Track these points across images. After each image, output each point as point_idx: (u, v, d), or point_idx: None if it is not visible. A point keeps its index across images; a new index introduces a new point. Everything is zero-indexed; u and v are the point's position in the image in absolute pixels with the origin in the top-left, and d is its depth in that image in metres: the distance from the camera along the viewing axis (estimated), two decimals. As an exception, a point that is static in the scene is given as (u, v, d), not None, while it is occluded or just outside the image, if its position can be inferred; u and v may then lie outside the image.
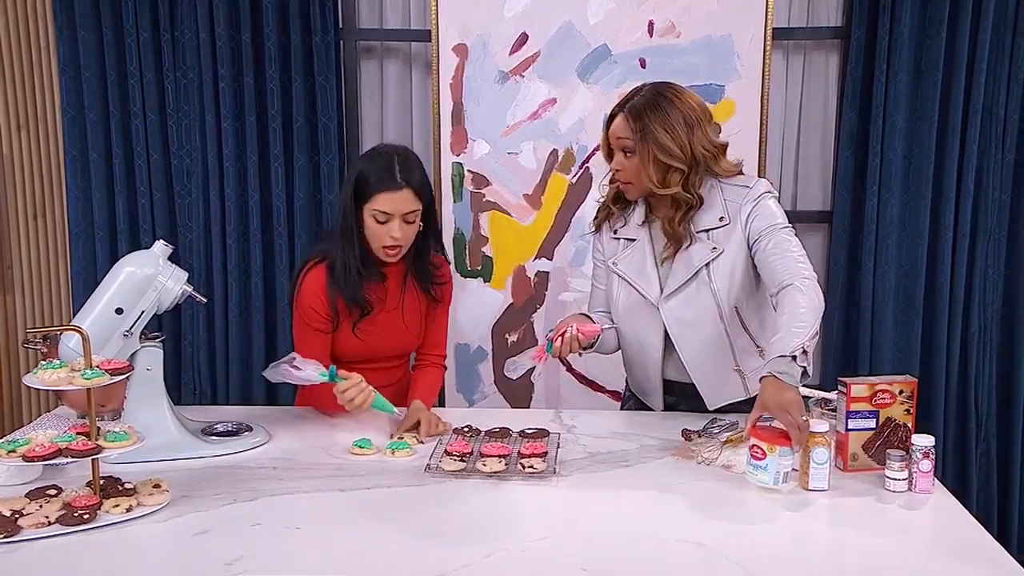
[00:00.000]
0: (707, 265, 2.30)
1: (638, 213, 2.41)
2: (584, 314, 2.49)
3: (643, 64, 3.25)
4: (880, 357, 3.30)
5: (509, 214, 3.35)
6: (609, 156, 2.35)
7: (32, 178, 3.35)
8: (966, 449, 3.36)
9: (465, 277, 3.40)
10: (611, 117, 2.31)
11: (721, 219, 2.30)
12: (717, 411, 2.40)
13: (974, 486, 3.35)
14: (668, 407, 2.48)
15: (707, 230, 2.30)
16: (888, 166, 3.23)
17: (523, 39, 3.25)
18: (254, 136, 3.28)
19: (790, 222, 3.43)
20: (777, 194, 2.34)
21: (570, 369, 3.41)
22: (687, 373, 2.39)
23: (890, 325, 3.30)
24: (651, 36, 3.24)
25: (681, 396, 2.46)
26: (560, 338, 2.27)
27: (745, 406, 2.35)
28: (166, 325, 3.38)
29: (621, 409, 2.71)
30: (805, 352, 2.00)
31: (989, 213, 3.25)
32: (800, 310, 2.08)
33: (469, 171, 3.33)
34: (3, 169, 3.25)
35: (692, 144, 2.24)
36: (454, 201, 3.35)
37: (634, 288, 2.38)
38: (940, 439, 3.32)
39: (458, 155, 3.32)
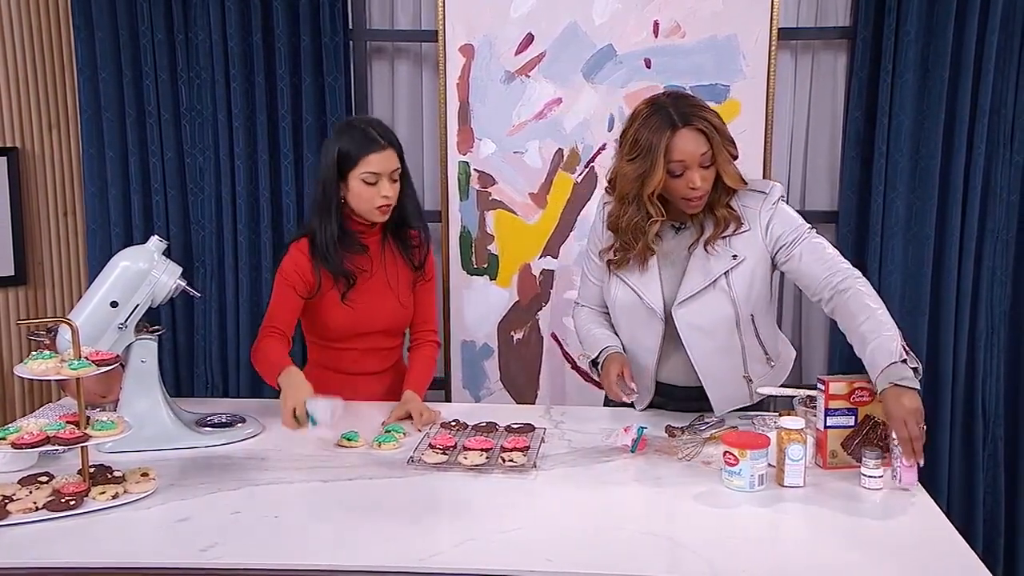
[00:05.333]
0: (726, 273, 2.27)
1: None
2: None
3: (648, 64, 3.26)
4: (886, 358, 3.28)
5: (515, 213, 3.38)
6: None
7: (63, 177, 3.43)
8: (973, 451, 3.33)
9: (471, 275, 3.43)
10: (668, 142, 2.16)
11: (743, 225, 2.29)
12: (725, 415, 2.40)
13: (981, 488, 3.32)
14: (653, 405, 2.49)
15: (727, 236, 2.28)
16: (894, 166, 3.21)
17: (529, 39, 3.28)
18: (265, 135, 3.33)
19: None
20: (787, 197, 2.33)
21: (575, 367, 3.43)
22: (683, 376, 2.39)
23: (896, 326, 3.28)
24: (656, 36, 3.25)
25: (669, 398, 2.47)
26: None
27: (750, 412, 2.41)
28: (179, 320, 3.45)
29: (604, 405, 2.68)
30: (908, 351, 2.03)
31: (997, 214, 3.21)
32: (878, 312, 2.12)
33: (475, 170, 3.37)
34: (34, 168, 3.34)
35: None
36: (460, 199, 3.38)
37: (634, 291, 2.35)
38: (947, 441, 3.31)
39: (464, 154, 3.36)
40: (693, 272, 2.30)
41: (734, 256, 2.27)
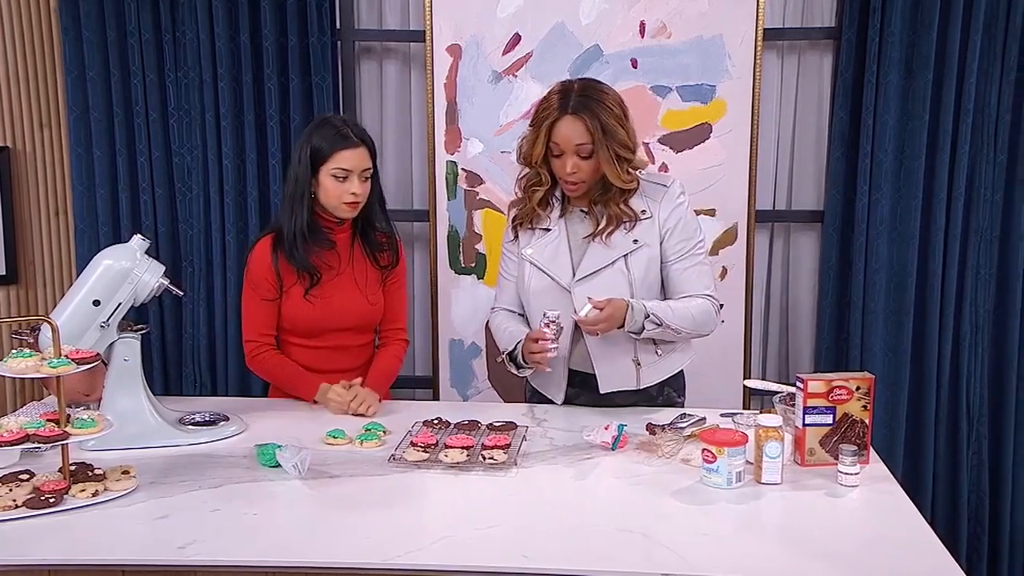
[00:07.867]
0: (626, 256, 2.38)
1: (556, 207, 2.48)
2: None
3: (634, 64, 3.27)
4: (871, 357, 3.29)
5: (502, 212, 3.38)
6: (541, 159, 2.39)
7: (54, 176, 3.44)
8: (957, 450, 3.34)
9: (459, 274, 3.44)
10: (551, 122, 2.32)
11: (643, 212, 2.40)
12: (607, 395, 2.47)
13: (965, 487, 3.33)
14: (567, 399, 2.54)
15: (627, 223, 2.39)
16: (879, 166, 3.22)
17: (516, 39, 3.29)
18: (253, 135, 3.34)
19: (784, 220, 3.46)
20: (688, 197, 2.46)
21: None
22: (588, 361, 2.46)
23: (881, 325, 3.29)
24: (642, 37, 3.27)
25: (582, 387, 2.52)
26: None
27: (635, 396, 2.50)
28: (167, 319, 3.46)
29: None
30: (657, 325, 2.30)
31: (981, 213, 3.23)
32: (690, 310, 2.37)
33: (463, 169, 3.38)
34: (26, 167, 3.35)
35: (631, 133, 2.34)
36: (448, 199, 3.39)
37: (545, 274, 2.45)
38: (931, 440, 3.33)
39: (452, 154, 3.37)
40: (593, 252, 2.41)
41: (635, 240, 2.39)
